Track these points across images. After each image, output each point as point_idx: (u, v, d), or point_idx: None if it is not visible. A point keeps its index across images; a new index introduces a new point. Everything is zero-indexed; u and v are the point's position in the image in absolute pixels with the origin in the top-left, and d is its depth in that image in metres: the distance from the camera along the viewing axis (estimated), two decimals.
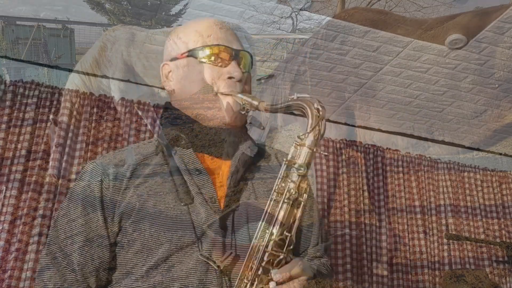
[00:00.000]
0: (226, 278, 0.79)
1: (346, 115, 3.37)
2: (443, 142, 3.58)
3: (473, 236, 3.31)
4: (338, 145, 3.20)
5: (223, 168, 0.91)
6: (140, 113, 2.80)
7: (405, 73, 3.03)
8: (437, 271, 3.15)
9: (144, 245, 0.82)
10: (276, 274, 0.75)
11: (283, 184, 0.79)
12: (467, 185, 3.49)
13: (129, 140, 2.71)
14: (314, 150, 0.80)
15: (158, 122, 2.83)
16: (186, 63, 0.94)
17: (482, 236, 3.35)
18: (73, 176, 2.53)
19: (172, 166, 0.88)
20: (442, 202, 3.36)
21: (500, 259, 3.27)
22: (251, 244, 0.78)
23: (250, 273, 0.76)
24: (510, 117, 3.39)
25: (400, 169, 3.31)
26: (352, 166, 3.13)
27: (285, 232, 0.77)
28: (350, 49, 2.89)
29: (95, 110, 2.71)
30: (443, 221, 3.30)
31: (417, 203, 3.29)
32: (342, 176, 3.08)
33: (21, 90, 2.59)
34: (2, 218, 2.35)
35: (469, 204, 3.45)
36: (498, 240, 3.35)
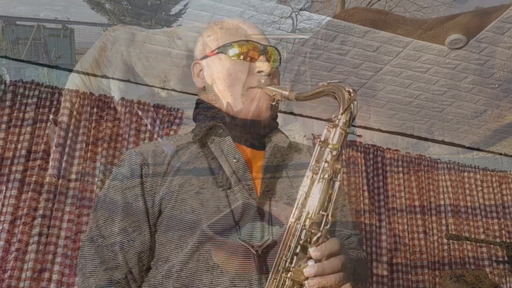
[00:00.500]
0: (263, 263, 0.81)
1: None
2: (443, 142, 3.58)
3: (473, 236, 3.31)
4: None
5: (258, 159, 0.93)
6: (140, 113, 2.80)
7: (405, 73, 3.03)
8: (437, 271, 3.16)
9: (183, 228, 0.83)
10: (315, 252, 0.75)
11: (317, 165, 0.81)
12: (467, 185, 3.49)
13: (129, 140, 2.71)
14: (347, 131, 0.82)
15: (158, 122, 2.83)
16: (216, 60, 0.97)
17: (482, 236, 3.35)
18: (73, 176, 2.53)
19: (209, 154, 0.91)
20: (442, 202, 3.36)
21: (500, 259, 3.28)
22: (289, 223, 0.79)
23: (288, 252, 0.76)
24: (510, 117, 3.39)
25: (400, 169, 3.31)
26: (352, 166, 3.13)
27: (321, 212, 0.78)
28: (350, 49, 2.89)
29: (95, 110, 2.71)
30: (443, 221, 3.30)
31: (417, 203, 3.29)
32: (342, 176, 3.08)
33: (21, 90, 2.59)
34: (2, 218, 2.35)
35: (469, 204, 3.45)
36: (498, 240, 3.35)
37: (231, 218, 0.83)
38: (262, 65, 0.94)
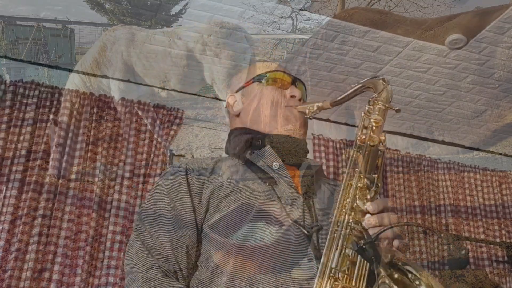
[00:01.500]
0: (316, 245, 0.86)
1: (346, 115, 3.37)
2: (443, 142, 3.58)
3: (473, 236, 3.31)
4: (338, 145, 3.20)
5: (292, 174, 0.99)
6: (140, 113, 2.80)
7: (405, 73, 3.03)
8: (437, 271, 3.16)
9: (233, 220, 0.87)
10: (370, 206, 0.81)
11: (363, 137, 0.88)
12: (467, 185, 3.49)
13: (129, 140, 2.71)
14: (387, 105, 0.89)
15: (158, 122, 2.83)
16: (252, 88, 1.09)
17: (482, 236, 3.35)
18: (73, 176, 2.54)
19: (250, 164, 0.98)
20: (442, 202, 3.37)
21: (500, 259, 3.28)
22: (343, 182, 0.86)
23: (345, 208, 0.82)
24: (510, 117, 3.39)
25: (400, 169, 3.31)
26: (352, 166, 3.12)
27: (371, 174, 0.85)
28: (350, 49, 2.89)
29: (95, 110, 2.71)
30: (443, 221, 3.30)
31: (417, 203, 3.29)
32: (342, 176, 3.08)
33: (21, 90, 2.59)
34: (2, 218, 2.36)
35: (469, 204, 3.45)
36: (498, 240, 3.35)
37: (281, 208, 0.88)
38: (294, 91, 1.06)
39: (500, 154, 3.73)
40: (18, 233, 2.32)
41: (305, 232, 0.85)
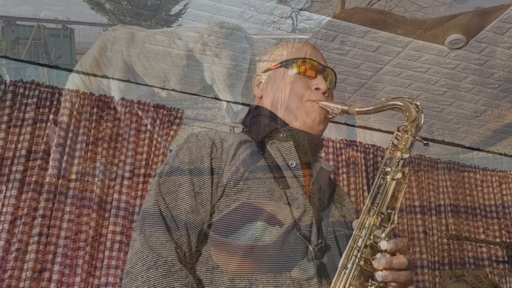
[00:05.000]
0: (319, 261, 0.84)
1: (346, 115, 3.36)
2: (443, 142, 3.58)
3: (473, 236, 3.31)
4: (338, 145, 3.19)
5: (304, 172, 0.96)
6: (140, 113, 2.80)
7: (405, 73, 3.03)
8: (437, 271, 3.16)
9: (241, 219, 0.85)
10: (385, 245, 0.80)
11: (388, 169, 0.87)
12: (467, 185, 3.49)
13: (129, 140, 2.71)
14: (416, 137, 0.89)
15: (158, 122, 2.83)
16: (277, 73, 1.06)
17: (482, 236, 3.35)
18: (73, 176, 2.54)
19: (268, 156, 0.95)
20: (442, 202, 3.36)
21: (500, 259, 3.28)
22: (360, 217, 0.84)
23: (359, 243, 0.81)
24: (510, 117, 3.39)
25: None
26: (352, 166, 3.13)
27: (388, 210, 0.84)
28: (350, 49, 2.89)
29: (95, 110, 2.71)
30: (443, 221, 3.30)
31: (417, 203, 3.29)
32: (342, 176, 3.08)
33: (21, 90, 2.59)
34: (2, 218, 2.35)
35: (469, 204, 3.45)
36: (498, 240, 3.35)
37: (291, 216, 0.86)
38: (319, 83, 1.01)
39: (500, 154, 3.73)
40: (18, 233, 2.32)
41: (311, 248, 0.84)
